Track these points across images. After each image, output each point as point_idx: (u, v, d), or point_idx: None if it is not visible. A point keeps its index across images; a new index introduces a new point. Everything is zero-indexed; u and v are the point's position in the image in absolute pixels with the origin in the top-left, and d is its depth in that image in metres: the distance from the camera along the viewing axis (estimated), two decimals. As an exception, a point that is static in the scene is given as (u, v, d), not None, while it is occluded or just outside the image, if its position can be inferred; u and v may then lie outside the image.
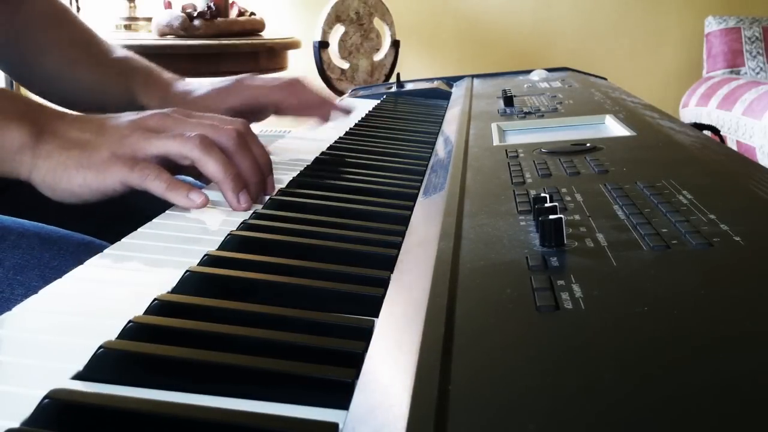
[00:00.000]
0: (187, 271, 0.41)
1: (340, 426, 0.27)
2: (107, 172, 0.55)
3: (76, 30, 0.89)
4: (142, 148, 0.56)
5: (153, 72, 0.89)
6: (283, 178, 0.65)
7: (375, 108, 1.14)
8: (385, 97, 1.28)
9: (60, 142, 0.56)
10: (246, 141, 0.60)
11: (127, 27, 2.62)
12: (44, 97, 0.90)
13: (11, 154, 0.56)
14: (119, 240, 0.49)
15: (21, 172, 0.57)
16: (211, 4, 2.30)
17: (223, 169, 0.56)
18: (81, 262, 0.45)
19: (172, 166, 0.58)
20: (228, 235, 0.48)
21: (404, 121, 1.03)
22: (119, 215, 0.57)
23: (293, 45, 2.49)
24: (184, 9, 2.31)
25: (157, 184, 0.55)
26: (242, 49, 2.30)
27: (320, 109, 0.89)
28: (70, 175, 0.56)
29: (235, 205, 0.57)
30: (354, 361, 0.31)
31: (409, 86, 1.34)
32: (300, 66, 2.70)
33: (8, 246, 0.57)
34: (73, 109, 0.94)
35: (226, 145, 0.58)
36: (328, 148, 0.81)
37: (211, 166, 0.56)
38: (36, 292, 0.40)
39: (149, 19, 2.49)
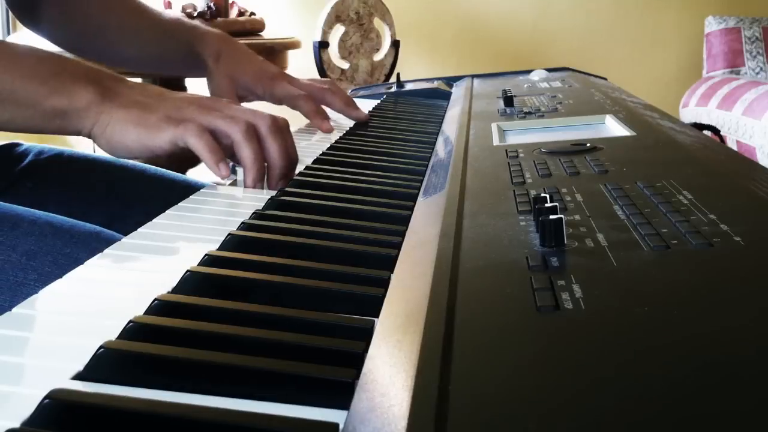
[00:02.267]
0: (187, 271, 0.41)
1: (340, 426, 0.27)
2: (159, 131, 0.60)
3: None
4: (193, 117, 0.61)
5: (208, 30, 0.96)
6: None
7: (375, 108, 1.14)
8: (385, 97, 1.28)
9: (122, 101, 0.62)
10: (281, 130, 0.65)
11: (127, 27, 2.62)
12: (107, 63, 0.95)
13: (78, 111, 0.61)
14: (128, 232, 0.49)
15: (84, 126, 0.62)
16: (211, 4, 2.30)
17: (254, 158, 0.62)
18: (93, 250, 0.46)
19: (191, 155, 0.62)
20: (228, 235, 0.48)
21: (404, 121, 1.03)
22: (121, 213, 0.58)
23: (293, 45, 2.49)
24: (184, 9, 2.31)
25: (195, 141, 0.59)
26: (242, 49, 2.29)
27: (356, 112, 0.98)
28: (127, 130, 0.61)
29: (249, 187, 0.63)
30: (354, 361, 0.31)
31: (409, 86, 1.34)
32: (300, 66, 2.70)
33: (21, 233, 0.60)
34: (133, 69, 1.06)
35: (263, 128, 0.63)
36: (328, 148, 0.81)
37: (246, 151, 0.62)
38: (49, 278, 0.40)
39: (149, 19, 2.49)
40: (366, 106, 1.15)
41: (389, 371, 0.29)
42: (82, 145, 1.92)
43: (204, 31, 0.94)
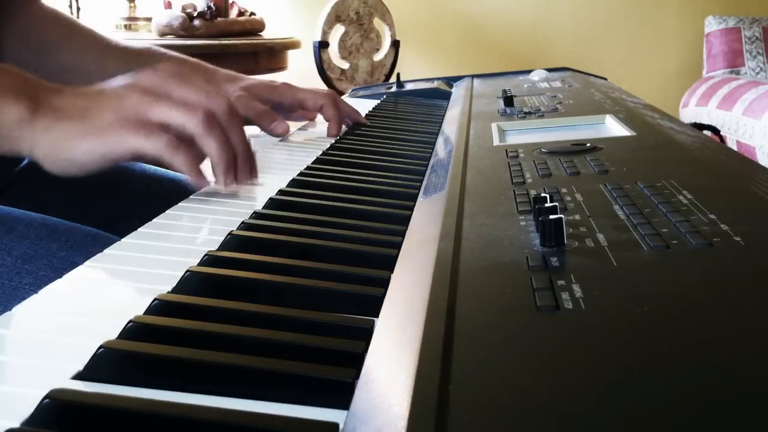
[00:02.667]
0: (187, 271, 0.41)
1: (340, 426, 0.27)
2: (114, 136, 0.54)
3: (86, 28, 0.91)
4: (144, 111, 0.55)
5: (189, 57, 0.93)
6: (283, 178, 0.65)
7: (375, 108, 1.14)
8: (385, 97, 1.28)
9: (58, 114, 0.55)
10: (237, 113, 0.59)
11: (127, 27, 2.62)
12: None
13: (9, 130, 0.55)
14: (124, 234, 0.49)
15: (22, 148, 0.55)
16: (211, 4, 2.30)
17: (222, 150, 0.57)
18: (89, 253, 0.45)
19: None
20: (228, 235, 0.48)
21: (404, 121, 1.03)
22: (121, 213, 0.57)
23: (293, 45, 2.49)
24: (184, 9, 2.31)
25: (176, 157, 0.54)
26: (242, 49, 2.30)
27: (353, 118, 0.96)
28: (74, 143, 0.54)
29: (221, 185, 0.58)
30: (354, 361, 0.31)
31: (409, 86, 1.34)
32: (300, 66, 2.70)
33: (16, 236, 0.58)
34: None
35: (220, 114, 0.57)
36: (328, 148, 0.81)
37: (211, 143, 0.56)
38: (44, 282, 0.40)
39: (149, 19, 2.49)
40: (366, 106, 1.15)
41: (389, 371, 0.29)
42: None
43: (186, 59, 0.90)
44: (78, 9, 2.63)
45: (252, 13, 2.57)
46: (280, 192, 0.61)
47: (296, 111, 0.95)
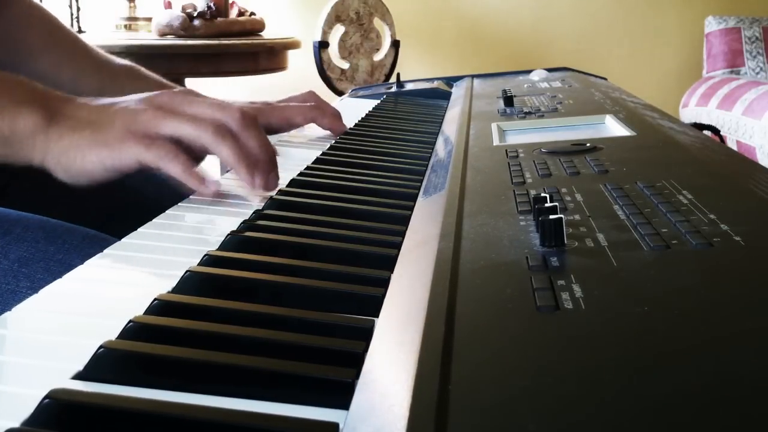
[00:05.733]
0: (187, 271, 0.41)
1: (340, 426, 0.27)
2: (122, 148, 0.55)
3: (71, 36, 0.89)
4: (155, 125, 0.56)
5: (172, 84, 0.90)
6: (283, 178, 0.65)
7: (375, 108, 1.14)
8: (385, 97, 1.28)
9: (71, 123, 0.56)
10: (253, 123, 0.60)
11: (127, 27, 2.62)
12: None
13: (24, 138, 0.56)
14: (122, 235, 0.49)
15: (35, 156, 0.56)
16: (211, 4, 2.30)
17: (237, 153, 0.57)
18: (86, 255, 0.45)
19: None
20: (228, 235, 0.48)
21: (404, 121, 1.03)
22: (121, 213, 0.57)
23: (293, 45, 2.49)
24: (184, 9, 2.31)
25: (173, 166, 0.55)
26: (242, 49, 2.30)
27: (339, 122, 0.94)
28: (84, 154, 0.55)
29: (251, 184, 0.58)
30: (354, 361, 0.31)
31: (409, 86, 1.34)
32: (300, 66, 2.70)
33: (13, 239, 0.58)
34: None
35: (233, 124, 0.58)
36: (328, 148, 0.81)
37: (224, 150, 0.57)
38: (41, 285, 0.40)
39: (149, 19, 2.49)
40: (366, 106, 1.15)
41: (389, 371, 0.29)
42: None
43: (167, 85, 0.88)
44: (78, 9, 2.63)
45: (252, 13, 2.57)
46: (280, 192, 0.61)
47: (285, 129, 0.93)
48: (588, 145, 0.60)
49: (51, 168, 0.57)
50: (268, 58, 2.38)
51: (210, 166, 0.61)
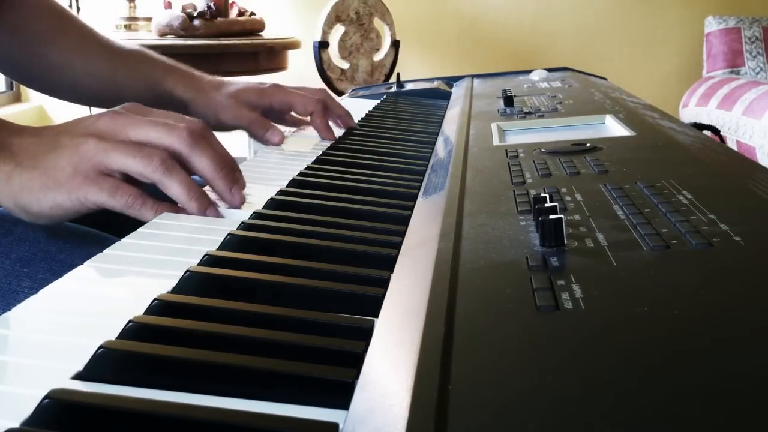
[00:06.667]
0: (187, 271, 0.41)
1: (340, 426, 0.27)
2: (76, 191, 0.53)
3: (78, 22, 0.90)
4: (100, 161, 0.53)
5: (177, 63, 0.91)
6: (283, 178, 0.65)
7: (375, 108, 1.14)
8: (385, 97, 1.28)
9: (17, 160, 0.54)
10: (201, 138, 0.57)
11: (127, 27, 2.62)
12: (49, 91, 0.91)
13: None
14: (123, 234, 0.49)
15: None
16: (211, 4, 2.30)
17: (185, 190, 0.55)
18: (87, 255, 0.45)
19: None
20: (228, 235, 0.48)
21: (404, 121, 1.03)
22: (119, 214, 0.57)
23: (293, 45, 2.49)
24: (184, 9, 2.31)
25: (127, 205, 0.53)
26: (242, 49, 2.30)
27: (345, 122, 0.94)
28: (38, 198, 0.53)
29: (204, 215, 0.56)
30: (354, 361, 0.31)
31: (409, 86, 1.34)
32: (300, 66, 2.70)
33: (15, 239, 0.57)
34: (82, 101, 0.95)
35: (181, 146, 0.56)
36: (328, 148, 0.81)
37: (173, 187, 0.54)
38: (42, 285, 0.40)
39: (149, 19, 2.49)
40: (366, 106, 1.15)
41: (389, 371, 0.29)
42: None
43: (178, 70, 0.89)
44: (78, 9, 2.63)
45: (252, 13, 2.57)
46: (280, 192, 0.61)
47: (287, 114, 0.94)
48: (588, 145, 0.60)
49: (8, 209, 0.55)
50: (268, 58, 2.38)
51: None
